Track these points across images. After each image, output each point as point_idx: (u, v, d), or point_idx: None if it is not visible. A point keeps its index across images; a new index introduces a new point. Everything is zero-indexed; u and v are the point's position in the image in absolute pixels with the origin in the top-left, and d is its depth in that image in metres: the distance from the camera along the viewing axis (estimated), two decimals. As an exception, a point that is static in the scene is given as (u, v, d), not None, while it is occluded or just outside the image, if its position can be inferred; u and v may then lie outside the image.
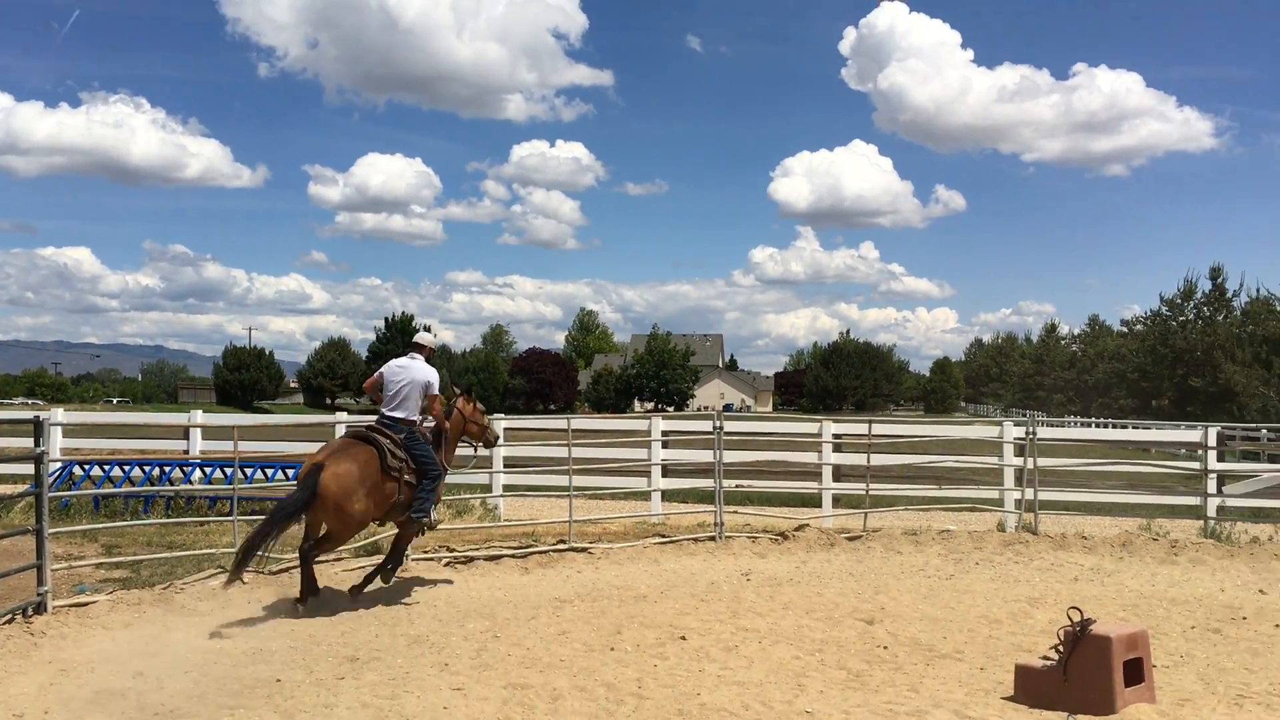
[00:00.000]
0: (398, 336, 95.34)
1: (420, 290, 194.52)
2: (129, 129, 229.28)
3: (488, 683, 6.69)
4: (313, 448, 10.28)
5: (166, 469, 15.37)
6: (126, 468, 15.66)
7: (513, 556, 11.61)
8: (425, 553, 11.68)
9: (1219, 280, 54.45)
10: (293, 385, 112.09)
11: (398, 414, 9.43)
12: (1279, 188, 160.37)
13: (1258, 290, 49.98)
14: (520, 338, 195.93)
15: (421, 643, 7.85)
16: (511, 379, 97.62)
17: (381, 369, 9.78)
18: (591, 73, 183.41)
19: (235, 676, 6.82)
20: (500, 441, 11.45)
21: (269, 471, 14.84)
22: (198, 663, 7.15)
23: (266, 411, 74.12)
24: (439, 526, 10.68)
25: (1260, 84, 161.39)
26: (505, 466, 14.79)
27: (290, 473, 14.88)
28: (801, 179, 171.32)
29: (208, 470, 15.48)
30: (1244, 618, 9.14)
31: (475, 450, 10.89)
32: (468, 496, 14.40)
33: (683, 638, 8.01)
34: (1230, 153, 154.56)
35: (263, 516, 9.21)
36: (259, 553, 8.68)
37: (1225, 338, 48.06)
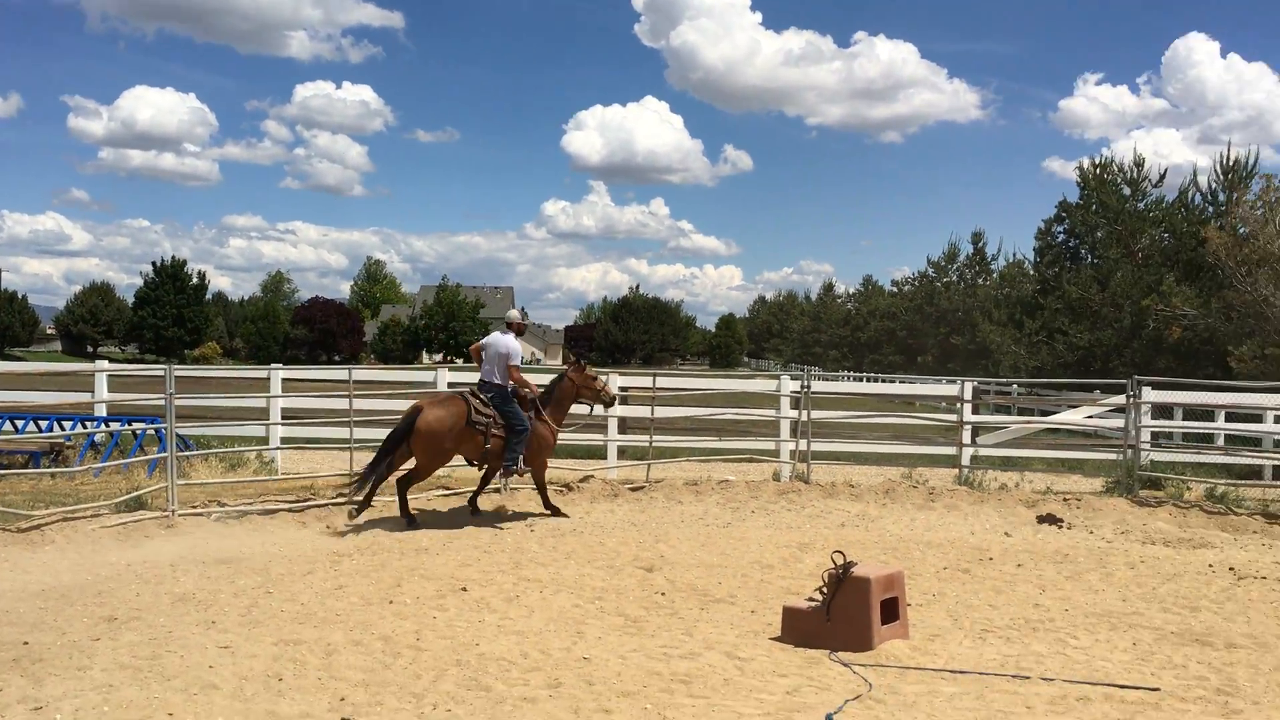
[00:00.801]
0: (169, 282, 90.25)
1: (194, 234, 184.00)
2: None
3: (258, 639, 6.47)
4: (68, 397, 9.68)
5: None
6: None
7: (289, 511, 11.26)
8: (194, 508, 11.18)
9: (979, 245, 58.26)
10: (50, 332, 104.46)
11: (486, 379, 11.17)
12: (1036, 159, 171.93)
13: (1013, 255, 53.69)
14: (303, 286, 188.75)
15: (187, 600, 7.52)
16: (293, 329, 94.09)
17: (483, 339, 11.54)
18: (380, 13, 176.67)
19: (-24, 642, 6.34)
20: (616, 402, 12.54)
21: (18, 424, 13.83)
22: (-67, 628, 6.61)
23: (18, 359, 68.96)
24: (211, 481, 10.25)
25: (1023, 60, 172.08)
26: (283, 418, 14.28)
27: (44, 424, 13.92)
28: (594, 133, 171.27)
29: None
30: (990, 558, 9.85)
31: (591, 410, 12.27)
32: (242, 449, 13.85)
33: (464, 589, 7.98)
34: (994, 124, 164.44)
35: None
36: (373, 478, 10.79)
37: (984, 299, 51.41)
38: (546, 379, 11.89)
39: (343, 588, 8.00)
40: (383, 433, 14.82)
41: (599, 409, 12.27)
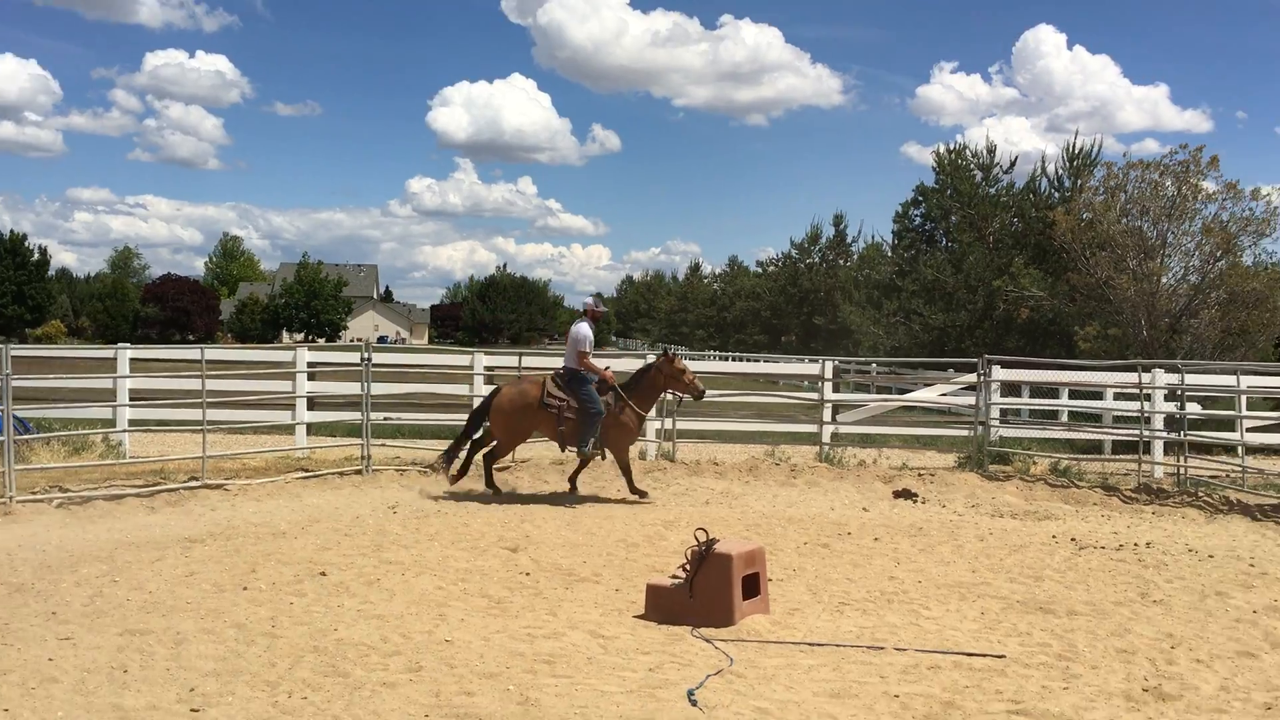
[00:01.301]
0: (8, 257, 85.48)
1: (36, 207, 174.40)
2: None
3: (101, 630, 6.19)
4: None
5: None
6: None
7: (137, 496, 10.82)
8: (34, 494, 10.64)
9: (840, 227, 59.64)
10: None
11: (565, 363, 11.74)
12: (895, 144, 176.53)
13: (872, 237, 55.15)
14: (155, 262, 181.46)
15: (25, 591, 7.14)
16: (143, 306, 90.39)
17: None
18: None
19: None
20: (704, 396, 12.20)
21: None
22: None
23: None
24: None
25: (882, 47, 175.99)
26: (131, 399, 13.70)
27: None
28: (460, 109, 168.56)
29: None
30: (849, 533, 10.11)
31: (679, 400, 12.65)
32: (86, 432, 13.24)
33: (323, 573, 7.79)
34: (855, 110, 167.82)
35: None
36: (459, 452, 11.80)
37: (844, 280, 52.69)
38: (400, 358, 11.80)
39: (194, 574, 7.72)
40: (241, 416, 14.43)
41: (687, 399, 12.23)
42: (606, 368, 11.88)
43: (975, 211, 37.84)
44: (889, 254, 45.78)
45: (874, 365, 28.82)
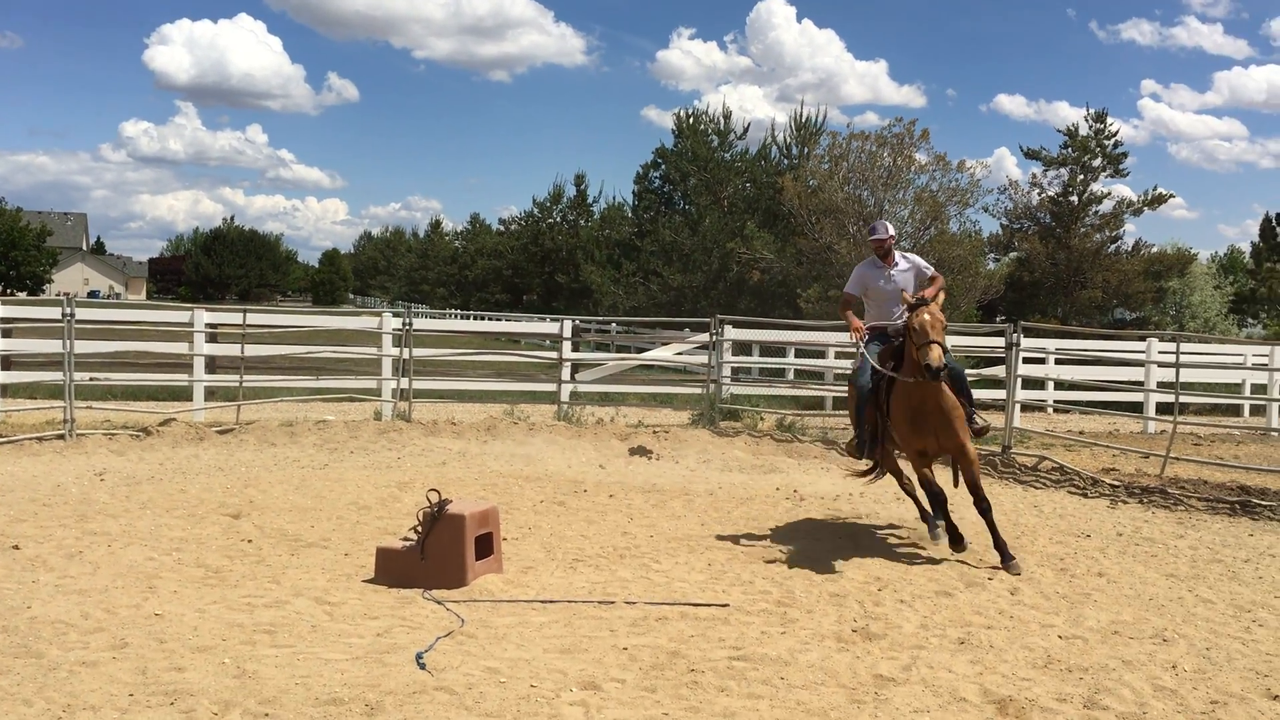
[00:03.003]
0: None
1: None
2: None
3: None
4: None
5: None
6: None
7: None
8: None
9: (582, 187, 60.01)
10: None
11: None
12: (636, 107, 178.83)
13: (614, 198, 55.86)
14: None
15: None
16: None
17: None
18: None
19: None
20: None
21: None
22: None
23: None
24: None
25: (624, 9, 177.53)
26: None
27: None
28: (182, 49, 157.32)
29: None
30: (585, 491, 10.22)
31: None
32: None
33: (15, 546, 7.12)
34: (598, 70, 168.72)
35: None
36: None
37: (586, 240, 53.16)
38: (111, 314, 10.85)
39: None
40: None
41: None
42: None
43: (711, 175, 39.01)
44: (629, 215, 46.53)
45: (613, 325, 29.29)
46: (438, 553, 6.58)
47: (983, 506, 7.62)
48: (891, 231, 8.59)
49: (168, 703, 4.54)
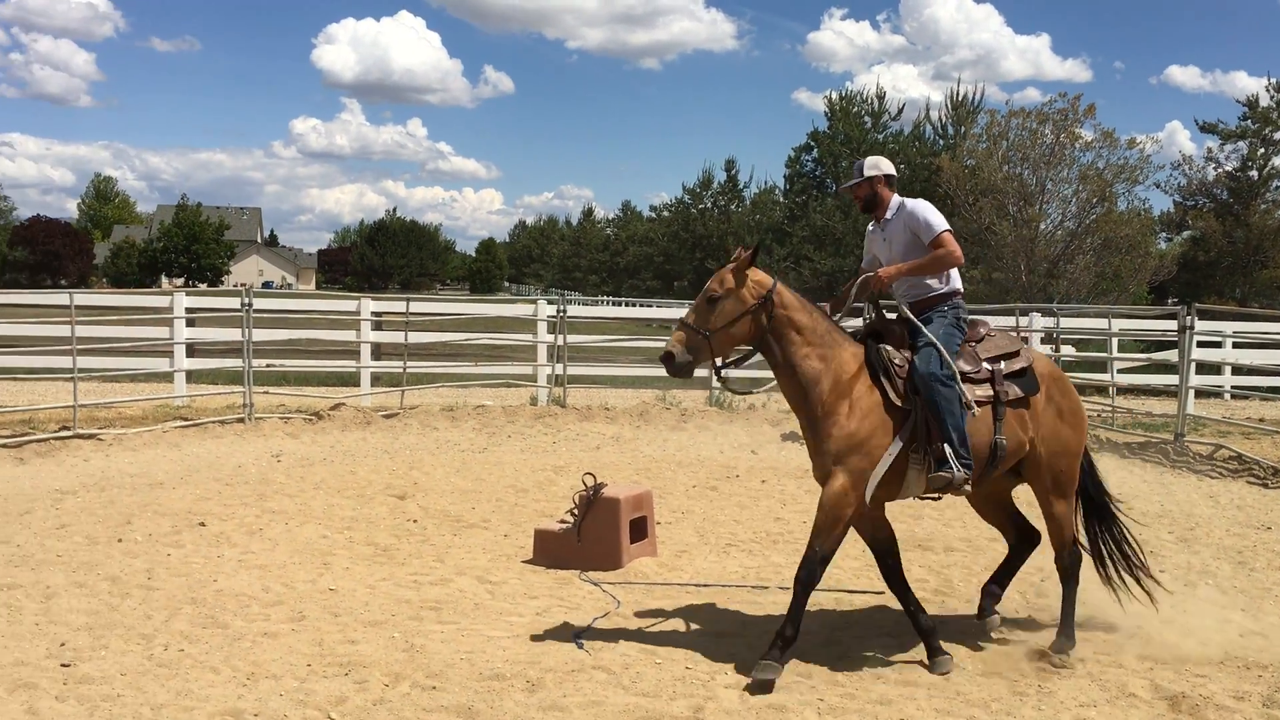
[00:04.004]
0: None
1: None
2: None
3: (-35, 587, 5.95)
4: None
5: None
6: None
7: (4, 446, 10.37)
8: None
9: (732, 172, 59.77)
10: None
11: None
12: (786, 90, 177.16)
13: (765, 183, 55.51)
14: (23, 204, 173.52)
15: (-119, 549, 6.81)
16: (11, 250, 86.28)
17: None
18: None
19: None
20: None
21: None
22: None
23: None
24: None
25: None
26: (-4, 347, 13.10)
27: None
28: (347, 48, 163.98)
29: None
30: (737, 476, 10.24)
31: None
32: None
33: (201, 524, 7.59)
34: (749, 55, 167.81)
35: None
36: None
37: (737, 225, 53.00)
38: (284, 303, 11.37)
39: (65, 527, 7.46)
40: (115, 364, 13.95)
41: None
42: None
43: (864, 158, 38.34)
44: (780, 199, 46.17)
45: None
46: (593, 535, 6.72)
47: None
48: (869, 173, 5.85)
49: (342, 673, 4.78)
